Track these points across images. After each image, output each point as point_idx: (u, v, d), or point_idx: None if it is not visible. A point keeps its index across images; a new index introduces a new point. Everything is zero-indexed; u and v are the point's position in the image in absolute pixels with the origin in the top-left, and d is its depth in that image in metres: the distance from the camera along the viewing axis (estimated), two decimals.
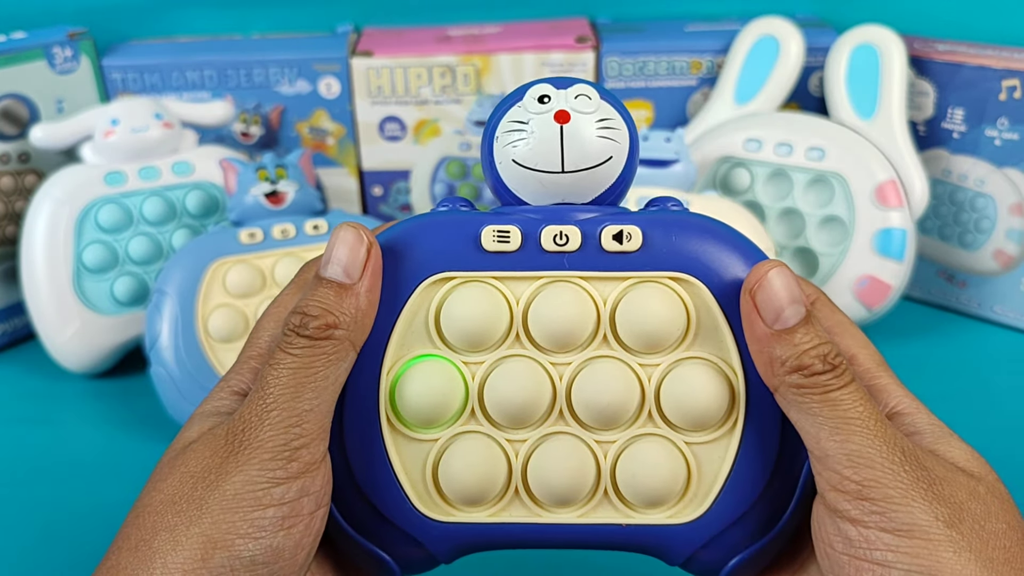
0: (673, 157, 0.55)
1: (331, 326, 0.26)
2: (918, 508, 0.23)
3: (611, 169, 0.28)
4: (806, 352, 0.25)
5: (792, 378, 0.25)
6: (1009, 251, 0.59)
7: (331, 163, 0.67)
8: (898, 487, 0.23)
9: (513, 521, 0.28)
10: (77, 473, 0.50)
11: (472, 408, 0.28)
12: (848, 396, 0.24)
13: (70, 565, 0.43)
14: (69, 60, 0.62)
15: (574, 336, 0.27)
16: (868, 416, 0.24)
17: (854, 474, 0.24)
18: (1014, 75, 0.55)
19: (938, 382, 0.55)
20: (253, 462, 0.24)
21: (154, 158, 0.57)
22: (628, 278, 0.27)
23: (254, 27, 0.71)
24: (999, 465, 0.27)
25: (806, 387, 0.25)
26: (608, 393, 0.27)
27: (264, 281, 0.50)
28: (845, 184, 0.56)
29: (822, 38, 0.62)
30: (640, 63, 0.64)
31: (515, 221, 0.27)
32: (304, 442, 0.25)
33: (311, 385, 0.25)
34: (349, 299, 0.26)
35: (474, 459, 0.27)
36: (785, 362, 0.25)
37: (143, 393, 0.53)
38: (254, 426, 0.25)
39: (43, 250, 0.54)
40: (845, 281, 0.56)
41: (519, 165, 0.27)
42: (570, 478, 0.27)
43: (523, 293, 0.28)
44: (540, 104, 0.27)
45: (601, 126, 0.27)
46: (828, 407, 0.24)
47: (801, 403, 0.25)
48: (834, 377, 0.25)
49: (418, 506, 0.28)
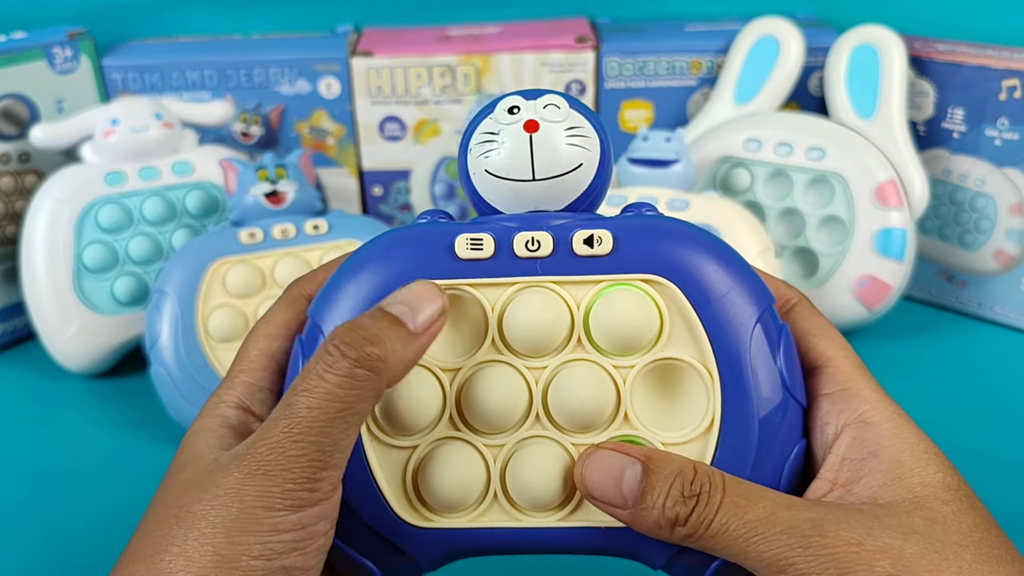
0: (673, 157, 0.55)
1: (379, 359, 0.25)
2: (859, 573, 0.23)
3: (582, 176, 0.28)
4: (666, 507, 0.25)
5: (677, 533, 0.25)
6: (1009, 251, 0.59)
7: (331, 163, 0.67)
8: (829, 564, 0.24)
9: (493, 526, 0.28)
10: (77, 473, 0.50)
11: (450, 414, 0.28)
12: (731, 512, 0.25)
13: (70, 565, 0.43)
14: (69, 60, 0.62)
15: (549, 340, 0.27)
16: (761, 516, 0.25)
17: (784, 574, 0.24)
18: (1014, 75, 0.55)
19: (938, 382, 0.55)
20: (274, 490, 0.24)
21: (154, 158, 0.57)
22: (600, 281, 0.28)
23: (254, 27, 0.71)
24: (999, 465, 0.27)
25: (693, 532, 0.25)
26: (584, 396, 0.27)
27: (264, 281, 0.50)
28: (845, 184, 0.56)
29: (822, 38, 0.62)
30: (640, 63, 0.64)
31: (488, 229, 0.28)
32: (326, 475, 0.24)
33: (340, 421, 0.24)
34: (405, 344, 0.25)
35: (453, 465, 0.27)
36: (661, 527, 0.25)
37: (143, 393, 0.53)
38: (277, 453, 0.24)
39: (43, 250, 0.54)
40: (845, 281, 0.56)
41: (491, 175, 0.28)
42: (548, 482, 0.27)
43: (498, 299, 0.28)
44: (510, 115, 0.28)
45: (571, 134, 0.28)
46: (722, 536, 0.25)
47: (700, 546, 0.25)
48: (706, 506, 0.25)
49: (399, 513, 0.28)
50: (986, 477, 0.33)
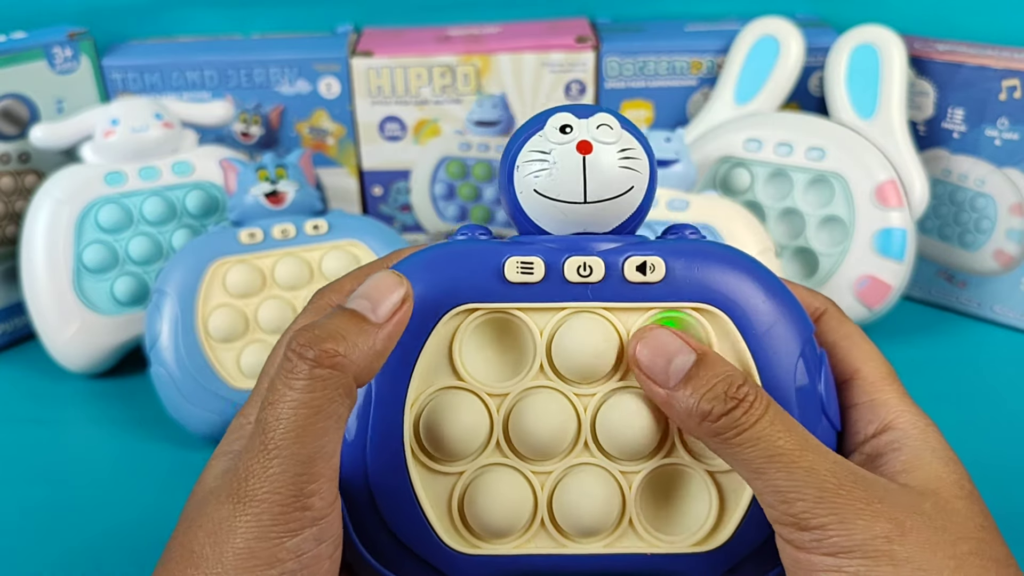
0: (673, 157, 0.55)
1: (339, 355, 0.23)
2: (856, 529, 0.24)
3: (632, 199, 0.27)
4: (705, 397, 0.25)
5: (704, 427, 0.25)
6: (1009, 251, 0.59)
7: (331, 163, 0.67)
8: (832, 513, 0.24)
9: (539, 553, 0.28)
10: (77, 473, 0.50)
11: (497, 440, 0.28)
12: (765, 431, 0.24)
13: (70, 565, 0.43)
14: (69, 60, 0.62)
15: (599, 367, 0.27)
16: (791, 447, 0.24)
17: (787, 509, 0.24)
18: (1014, 75, 0.55)
19: (938, 382, 0.55)
20: (264, 518, 0.23)
21: (154, 158, 0.57)
22: (651, 308, 0.27)
23: (254, 27, 0.71)
24: (1000, 464, 0.27)
25: (720, 432, 0.25)
26: (633, 425, 0.27)
27: (264, 281, 0.50)
28: (845, 184, 0.56)
29: (822, 38, 0.62)
30: (640, 63, 0.64)
31: (537, 252, 0.27)
32: (314, 488, 0.23)
33: (313, 427, 0.23)
34: (367, 336, 0.24)
35: (500, 491, 0.27)
36: (692, 413, 0.25)
37: (143, 393, 0.53)
38: (257, 476, 0.23)
39: (43, 250, 0.54)
40: (845, 281, 0.56)
41: (541, 195, 0.27)
42: (596, 509, 0.27)
43: (547, 324, 0.28)
44: (562, 134, 0.27)
45: (623, 156, 0.27)
46: (748, 448, 0.24)
47: (722, 450, 0.25)
48: (744, 414, 0.24)
49: (444, 539, 0.27)
50: (986, 477, 0.33)
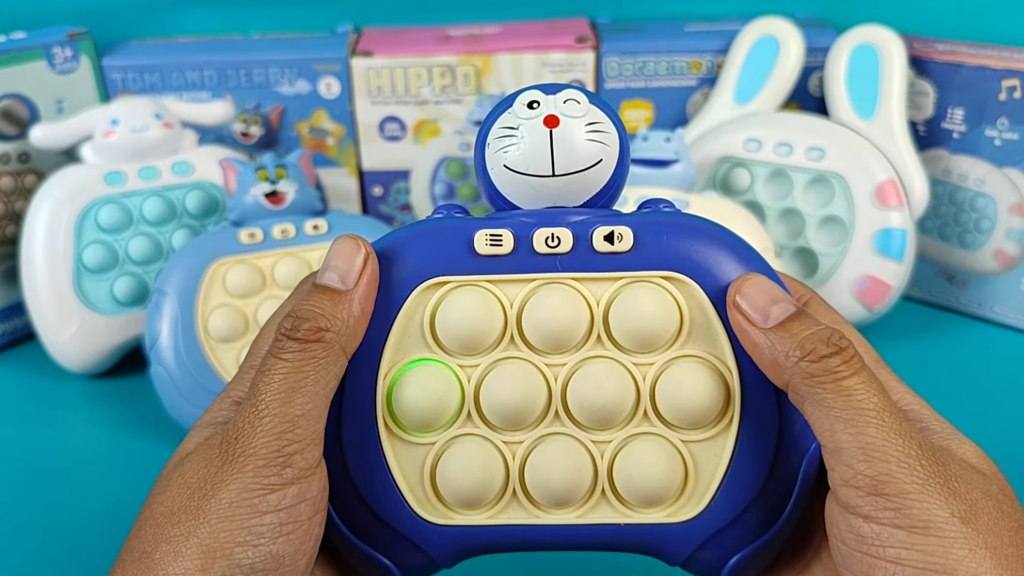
0: (673, 157, 0.55)
1: (322, 329, 0.26)
2: (934, 504, 0.23)
3: (601, 172, 0.28)
4: (807, 338, 0.25)
5: (801, 367, 0.24)
6: (1009, 251, 0.59)
7: (331, 163, 0.67)
8: (914, 482, 0.23)
9: (511, 523, 0.28)
10: (77, 473, 0.50)
11: (468, 411, 0.28)
12: (861, 385, 0.24)
13: (70, 565, 0.43)
14: (69, 60, 0.62)
15: (568, 337, 0.27)
16: (883, 407, 0.24)
17: (868, 468, 0.23)
18: (1014, 75, 0.55)
19: (938, 382, 0.55)
20: (247, 470, 0.24)
21: (154, 158, 0.57)
22: (620, 278, 0.28)
23: (254, 27, 0.71)
24: (1001, 464, 0.27)
25: (816, 375, 0.24)
26: (603, 393, 0.27)
27: (264, 281, 0.50)
28: (845, 184, 0.56)
29: (822, 38, 0.62)
30: (640, 63, 0.64)
31: (507, 225, 0.28)
32: (298, 448, 0.25)
33: (302, 390, 0.25)
34: (342, 305, 0.26)
35: (471, 462, 0.27)
36: (789, 354, 0.25)
37: (143, 393, 0.53)
38: (247, 434, 0.25)
39: (43, 250, 0.54)
40: (845, 281, 0.56)
41: (510, 170, 0.28)
42: (567, 479, 0.27)
43: (516, 295, 0.28)
44: (529, 109, 0.28)
45: (590, 129, 0.27)
46: (842, 397, 0.24)
47: (814, 394, 0.24)
48: (843, 363, 0.24)
49: (417, 510, 0.28)
50: None
